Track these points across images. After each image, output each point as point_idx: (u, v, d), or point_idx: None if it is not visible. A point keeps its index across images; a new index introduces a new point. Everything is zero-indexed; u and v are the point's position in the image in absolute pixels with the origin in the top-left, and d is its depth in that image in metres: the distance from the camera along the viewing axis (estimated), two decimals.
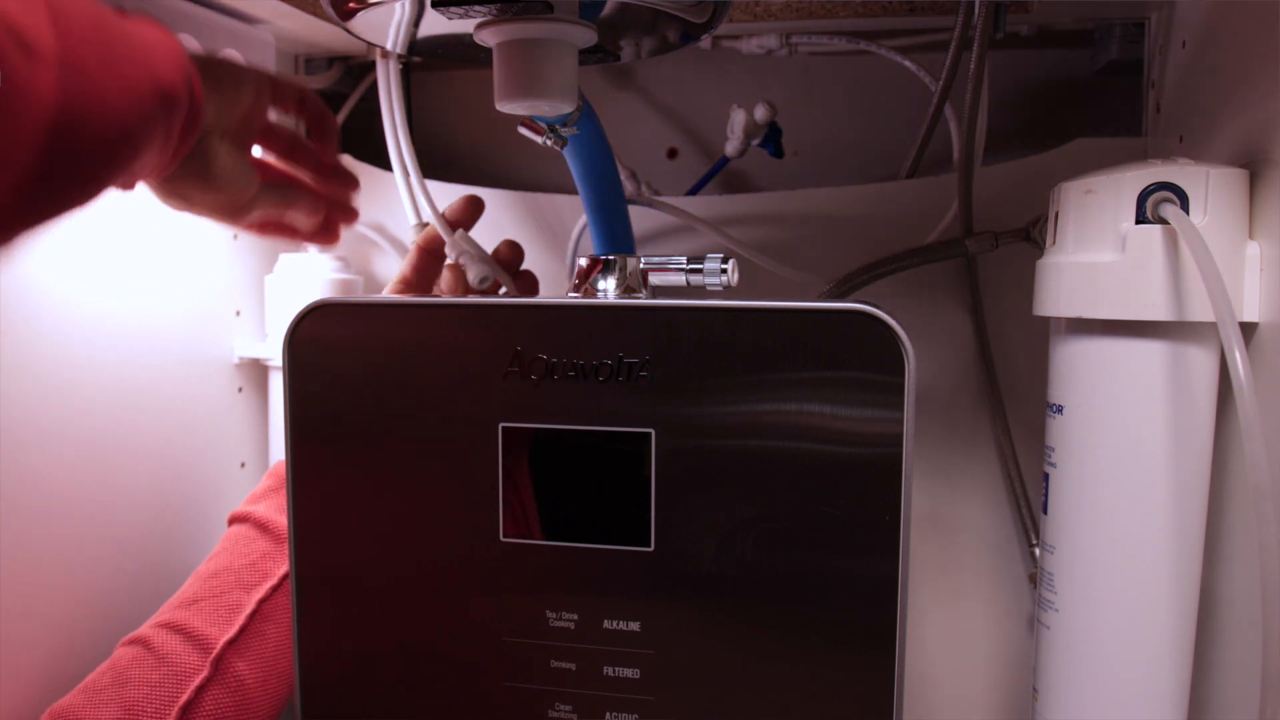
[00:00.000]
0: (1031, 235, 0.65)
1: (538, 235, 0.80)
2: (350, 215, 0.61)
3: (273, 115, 0.54)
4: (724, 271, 0.50)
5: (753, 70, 0.82)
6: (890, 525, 0.41)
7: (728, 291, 0.50)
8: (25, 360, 0.59)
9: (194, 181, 0.48)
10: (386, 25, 0.51)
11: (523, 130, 0.55)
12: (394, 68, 0.77)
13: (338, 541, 0.47)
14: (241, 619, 0.55)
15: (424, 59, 0.84)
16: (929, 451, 0.72)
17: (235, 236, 0.78)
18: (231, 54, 0.68)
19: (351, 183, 0.60)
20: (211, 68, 0.47)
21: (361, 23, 0.51)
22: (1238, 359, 0.40)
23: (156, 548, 0.71)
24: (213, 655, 0.53)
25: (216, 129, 0.47)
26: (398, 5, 0.46)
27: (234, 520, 0.61)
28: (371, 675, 0.47)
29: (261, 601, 0.56)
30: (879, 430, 0.41)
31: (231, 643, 0.54)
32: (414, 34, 0.52)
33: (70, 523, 0.63)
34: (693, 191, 0.81)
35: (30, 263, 0.59)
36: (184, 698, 0.52)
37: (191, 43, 0.64)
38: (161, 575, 0.71)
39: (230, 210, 0.51)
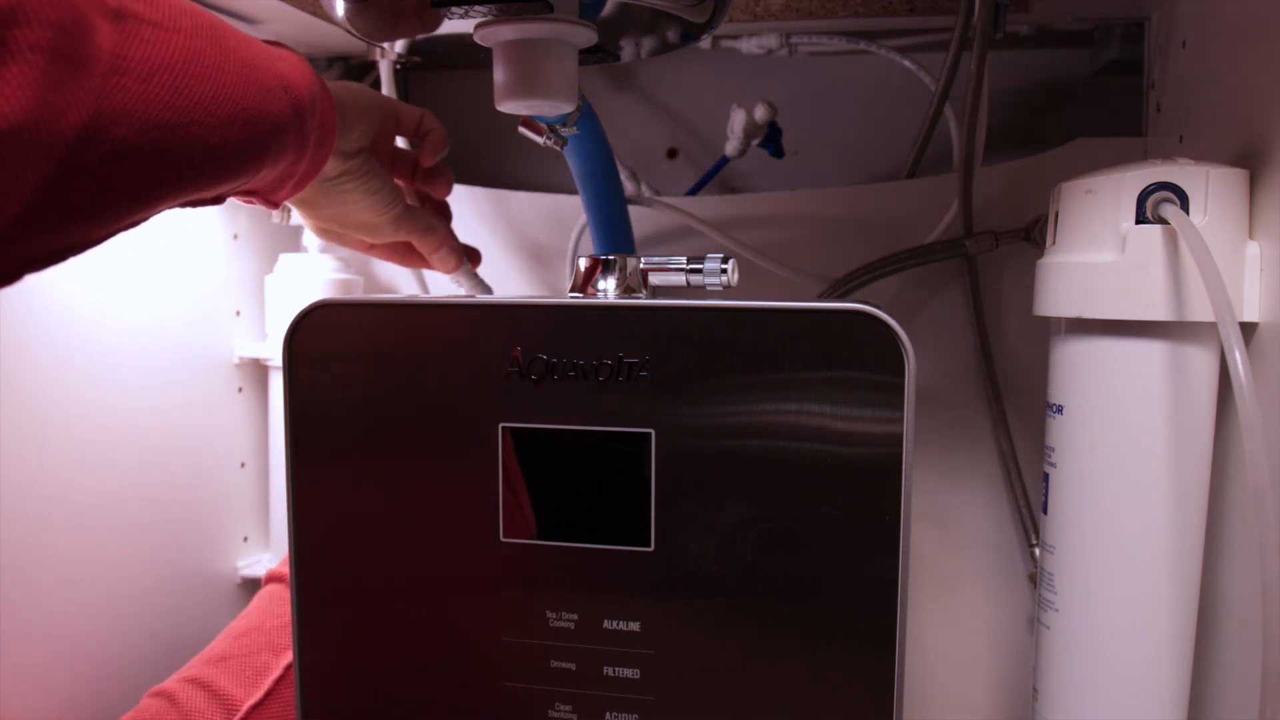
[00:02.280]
0: (1031, 235, 0.65)
1: (538, 235, 0.80)
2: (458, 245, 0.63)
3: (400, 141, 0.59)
4: (724, 271, 0.50)
5: (753, 70, 0.82)
6: (890, 525, 0.41)
7: (728, 291, 0.50)
8: (26, 360, 0.59)
9: (350, 198, 0.52)
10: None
11: (523, 130, 0.55)
12: (387, 65, 0.77)
13: (337, 541, 0.47)
14: (268, 683, 0.55)
15: (424, 59, 0.84)
16: (929, 451, 0.72)
17: (235, 236, 0.78)
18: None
19: (442, 192, 0.63)
20: (348, 89, 0.51)
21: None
22: (1238, 359, 0.40)
23: (156, 547, 0.71)
24: (236, 718, 0.54)
25: (368, 148, 0.52)
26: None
27: (270, 579, 0.61)
28: (371, 675, 0.47)
29: (289, 666, 0.56)
30: (879, 430, 0.41)
31: (256, 707, 0.54)
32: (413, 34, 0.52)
33: (70, 522, 0.63)
34: (693, 191, 0.81)
35: None
36: None
37: None
38: (161, 574, 0.71)
39: (376, 228, 0.56)
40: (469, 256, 0.63)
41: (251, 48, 0.39)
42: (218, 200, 0.42)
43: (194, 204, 0.41)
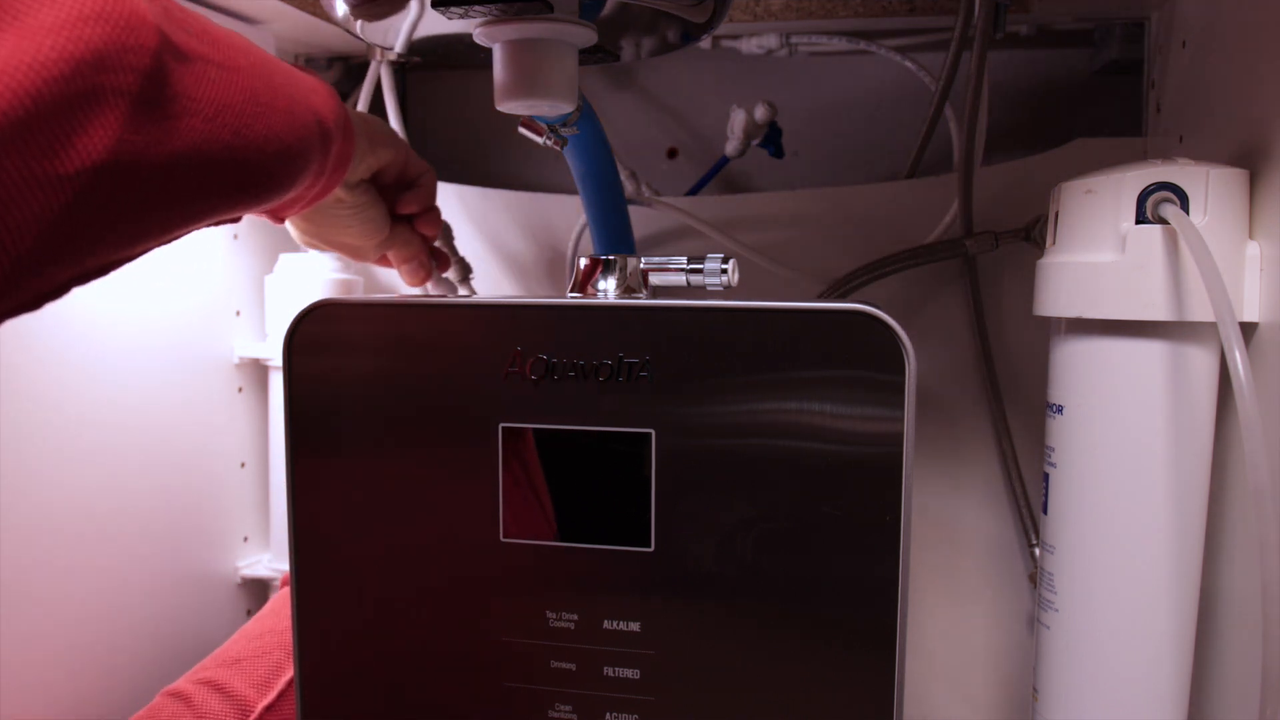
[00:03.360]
0: (1031, 235, 0.65)
1: (538, 235, 0.80)
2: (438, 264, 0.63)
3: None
4: (724, 271, 0.50)
5: (753, 70, 0.82)
6: (890, 525, 0.41)
7: (728, 291, 0.50)
8: (26, 360, 0.59)
9: (343, 223, 0.53)
10: (387, 26, 0.51)
11: (523, 130, 0.55)
12: (386, 66, 0.78)
13: (338, 541, 0.47)
14: (280, 684, 0.56)
15: (423, 59, 0.84)
16: (929, 452, 0.72)
17: (235, 236, 0.78)
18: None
19: (430, 233, 0.63)
20: (366, 121, 0.51)
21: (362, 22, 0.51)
22: (1238, 359, 0.40)
23: (156, 547, 0.71)
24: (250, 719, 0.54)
25: (369, 180, 0.52)
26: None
27: (286, 583, 0.62)
28: (371, 675, 0.47)
29: None
30: (879, 430, 0.41)
31: (269, 708, 0.55)
32: (413, 34, 0.52)
33: (70, 522, 0.63)
34: (693, 191, 0.81)
35: None
36: None
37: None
38: (161, 575, 0.71)
39: (361, 251, 0.57)
40: (438, 261, 0.63)
41: (292, 80, 0.40)
42: (238, 219, 0.43)
43: (220, 223, 0.41)
